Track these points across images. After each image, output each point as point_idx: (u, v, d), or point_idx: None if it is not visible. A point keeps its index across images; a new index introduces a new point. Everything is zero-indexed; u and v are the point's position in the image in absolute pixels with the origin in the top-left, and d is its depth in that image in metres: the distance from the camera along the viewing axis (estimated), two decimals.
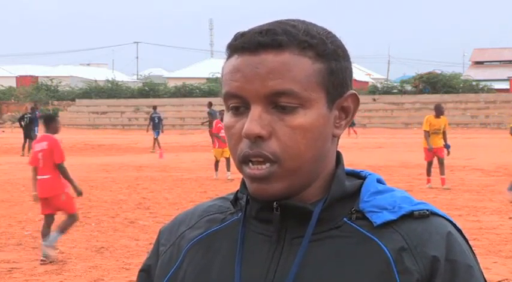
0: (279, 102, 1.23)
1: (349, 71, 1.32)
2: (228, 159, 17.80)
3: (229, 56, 1.29)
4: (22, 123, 29.68)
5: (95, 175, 19.40)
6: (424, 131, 16.08)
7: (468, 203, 13.61)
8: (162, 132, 30.89)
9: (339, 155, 1.36)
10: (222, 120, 19.15)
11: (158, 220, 11.91)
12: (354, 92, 1.33)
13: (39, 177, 9.41)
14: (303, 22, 1.30)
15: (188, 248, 1.37)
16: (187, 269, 1.34)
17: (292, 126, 1.23)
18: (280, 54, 1.24)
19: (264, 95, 1.23)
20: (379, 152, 26.69)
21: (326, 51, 1.27)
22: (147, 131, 31.93)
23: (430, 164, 15.98)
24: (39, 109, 35.20)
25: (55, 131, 9.75)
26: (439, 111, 16.11)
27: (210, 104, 31.58)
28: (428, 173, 16.01)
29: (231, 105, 1.27)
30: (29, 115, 29.78)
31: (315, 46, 1.26)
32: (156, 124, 30.77)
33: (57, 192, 9.37)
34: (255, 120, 1.23)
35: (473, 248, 1.33)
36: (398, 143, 32.99)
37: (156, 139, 29.92)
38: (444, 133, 16.08)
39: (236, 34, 1.29)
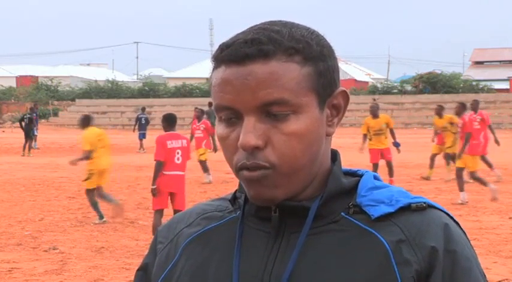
0: (271, 111, 1.24)
1: (336, 68, 1.32)
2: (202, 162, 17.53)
3: (216, 67, 1.29)
4: (22, 123, 29.74)
5: None
6: (363, 134, 16.07)
7: (468, 203, 13.61)
8: (143, 136, 30.37)
9: (335, 153, 1.37)
10: (199, 119, 18.91)
11: None
12: (344, 89, 1.33)
13: (173, 172, 9.71)
14: (285, 25, 1.30)
15: (185, 244, 1.38)
16: (184, 265, 1.35)
17: (287, 133, 1.24)
18: (267, 64, 1.24)
19: (255, 106, 1.24)
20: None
21: (312, 53, 1.27)
22: (134, 131, 31.85)
23: (375, 166, 15.80)
24: (38, 109, 35.13)
25: (175, 128, 10.07)
26: (373, 112, 16.08)
27: (210, 104, 31.50)
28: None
29: (223, 116, 1.28)
30: (29, 115, 29.88)
31: (302, 50, 1.26)
32: (143, 125, 30.72)
33: (185, 189, 9.91)
34: (250, 132, 1.23)
35: (470, 241, 1.33)
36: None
37: (141, 140, 29.83)
38: (391, 131, 15.95)
39: (221, 45, 1.29)
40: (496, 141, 17.22)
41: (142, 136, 30.22)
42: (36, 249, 9.85)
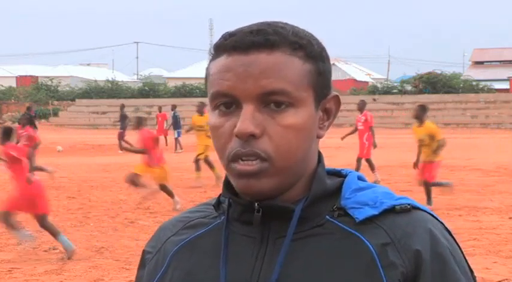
0: (271, 102, 1.24)
1: (331, 73, 1.34)
2: None
3: (216, 56, 1.29)
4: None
5: (95, 175, 19.39)
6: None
7: (468, 203, 13.60)
8: (180, 134, 30.34)
9: (319, 155, 1.36)
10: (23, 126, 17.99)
11: (158, 220, 11.91)
12: (336, 94, 1.34)
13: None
14: (287, 24, 1.31)
15: (173, 253, 1.38)
16: (173, 274, 1.36)
17: (285, 125, 1.24)
18: (272, 54, 1.25)
19: (256, 94, 1.24)
20: (379, 152, 26.63)
21: (314, 52, 1.29)
22: (168, 129, 31.84)
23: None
24: (34, 109, 35.15)
25: None
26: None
27: (123, 106, 31.84)
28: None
29: (219, 103, 1.27)
30: (27, 116, 30.05)
31: (305, 47, 1.28)
32: (179, 123, 30.67)
33: None
34: (247, 119, 1.23)
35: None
36: (398, 143, 32.95)
37: (177, 139, 29.79)
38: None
39: (224, 34, 1.29)
40: (374, 145, 16.86)
41: (179, 134, 30.08)
42: (36, 249, 9.85)
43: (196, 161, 16.75)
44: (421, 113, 13.01)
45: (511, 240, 10.04)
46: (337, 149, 25.72)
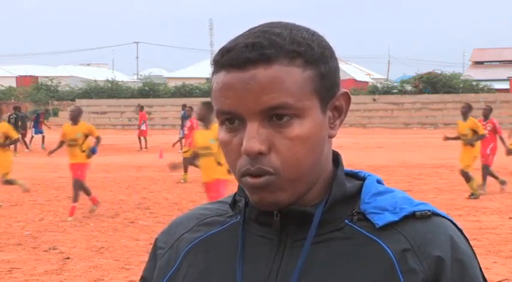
0: (274, 115, 1.22)
1: (337, 70, 1.31)
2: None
3: (216, 71, 1.27)
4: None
5: (95, 175, 19.36)
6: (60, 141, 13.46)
7: (468, 203, 13.62)
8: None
9: (337, 156, 1.35)
10: None
11: (158, 220, 11.91)
12: (345, 90, 1.31)
13: None
14: (286, 27, 1.27)
15: (187, 250, 1.37)
16: (187, 272, 1.34)
17: (290, 138, 1.23)
18: (270, 68, 1.22)
19: (259, 111, 1.22)
20: (379, 152, 26.65)
21: (314, 56, 1.25)
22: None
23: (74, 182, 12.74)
24: (19, 109, 35.43)
25: None
26: (72, 117, 13.00)
27: (16, 108, 32.68)
28: (87, 192, 12.87)
29: (224, 119, 1.26)
30: (14, 116, 31.04)
31: (303, 53, 1.24)
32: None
33: None
34: (253, 137, 1.21)
35: (473, 248, 1.33)
36: (398, 143, 32.97)
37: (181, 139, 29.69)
38: (98, 140, 13.22)
39: (221, 49, 1.26)
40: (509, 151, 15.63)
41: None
42: (36, 249, 9.84)
43: (5, 180, 14.10)
44: (76, 115, 13.15)
45: (511, 240, 10.04)
46: (336, 149, 25.67)
